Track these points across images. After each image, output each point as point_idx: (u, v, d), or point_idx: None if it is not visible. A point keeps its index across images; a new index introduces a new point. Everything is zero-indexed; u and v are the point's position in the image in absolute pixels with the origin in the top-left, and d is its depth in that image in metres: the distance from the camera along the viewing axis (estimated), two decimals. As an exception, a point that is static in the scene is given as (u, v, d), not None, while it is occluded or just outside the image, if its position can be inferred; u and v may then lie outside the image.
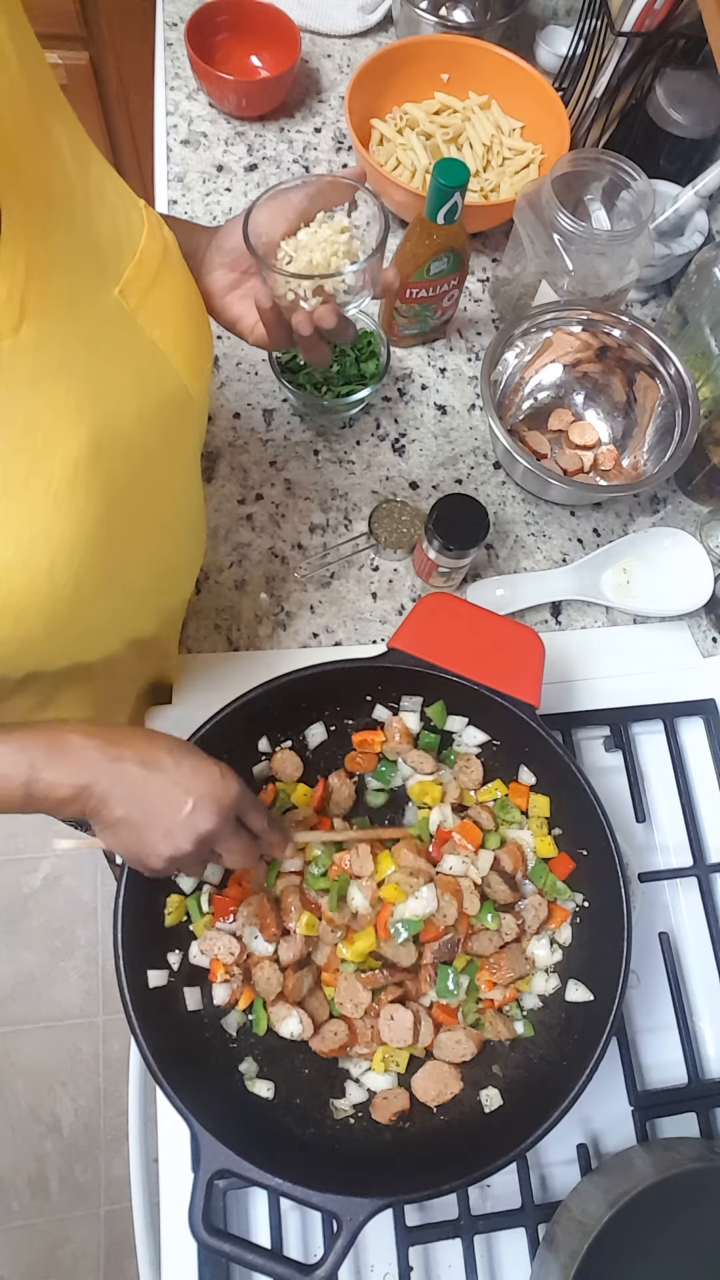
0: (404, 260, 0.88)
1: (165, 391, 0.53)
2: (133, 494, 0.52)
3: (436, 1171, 0.57)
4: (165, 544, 0.65)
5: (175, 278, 0.54)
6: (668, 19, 0.93)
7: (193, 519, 0.72)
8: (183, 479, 0.64)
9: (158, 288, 0.52)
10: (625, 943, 0.62)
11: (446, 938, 0.66)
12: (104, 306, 0.48)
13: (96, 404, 0.47)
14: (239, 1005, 0.65)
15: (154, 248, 0.52)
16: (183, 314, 0.55)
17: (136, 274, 0.50)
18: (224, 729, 0.66)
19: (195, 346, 0.56)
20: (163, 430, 0.53)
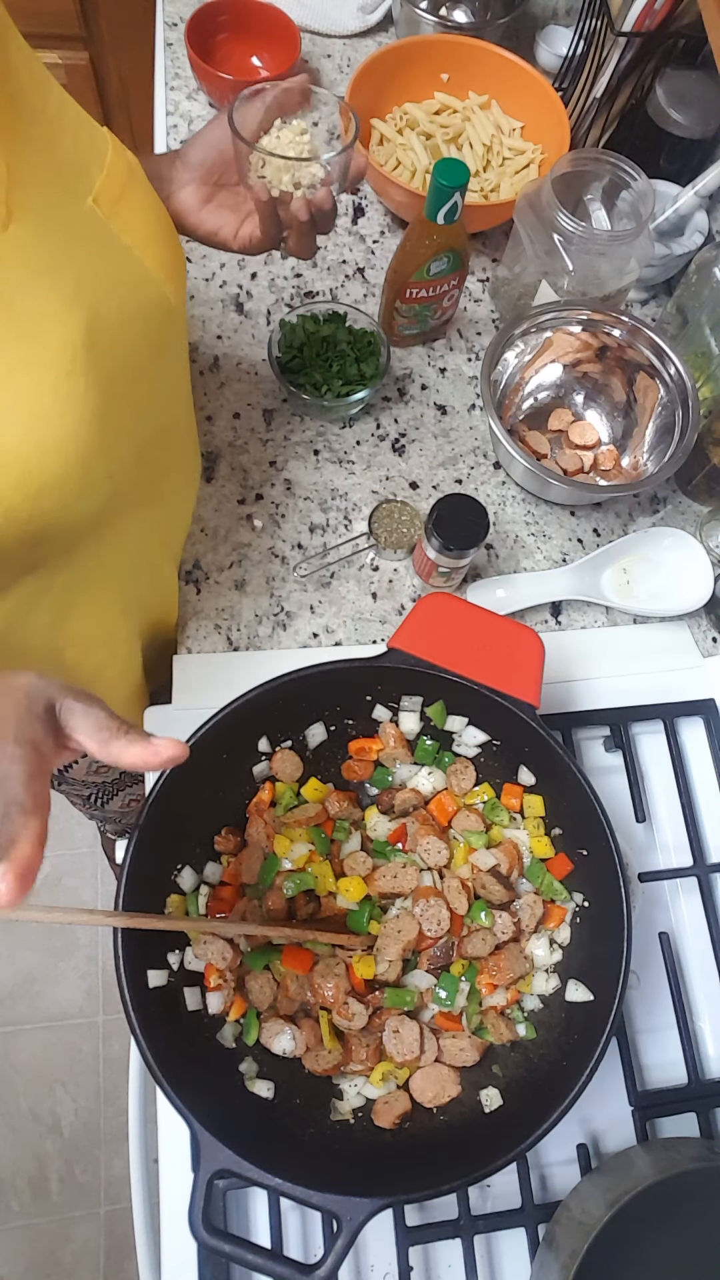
0: (404, 260, 0.88)
1: (144, 293, 0.55)
2: (124, 384, 0.54)
3: (436, 1171, 0.57)
4: (160, 443, 0.68)
5: (141, 193, 0.57)
6: (668, 19, 0.93)
7: (184, 427, 0.76)
8: (170, 383, 0.67)
9: (126, 199, 0.54)
10: (625, 943, 0.62)
11: (441, 943, 0.66)
12: (81, 213, 0.51)
13: (82, 298, 0.49)
14: (230, 1016, 0.65)
15: (119, 164, 0.54)
16: (153, 223, 0.57)
17: (106, 185, 0.52)
18: (224, 729, 0.66)
19: (167, 252, 0.58)
20: (144, 329, 0.56)
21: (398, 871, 0.68)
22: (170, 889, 0.67)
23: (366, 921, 0.66)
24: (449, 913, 0.67)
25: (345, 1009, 0.64)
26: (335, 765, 0.74)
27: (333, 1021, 0.64)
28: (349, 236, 1.06)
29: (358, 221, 1.07)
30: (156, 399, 0.63)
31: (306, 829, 0.69)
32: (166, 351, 0.62)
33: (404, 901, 0.68)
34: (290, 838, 0.69)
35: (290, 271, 1.03)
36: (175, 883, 0.68)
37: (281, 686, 0.67)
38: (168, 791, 0.64)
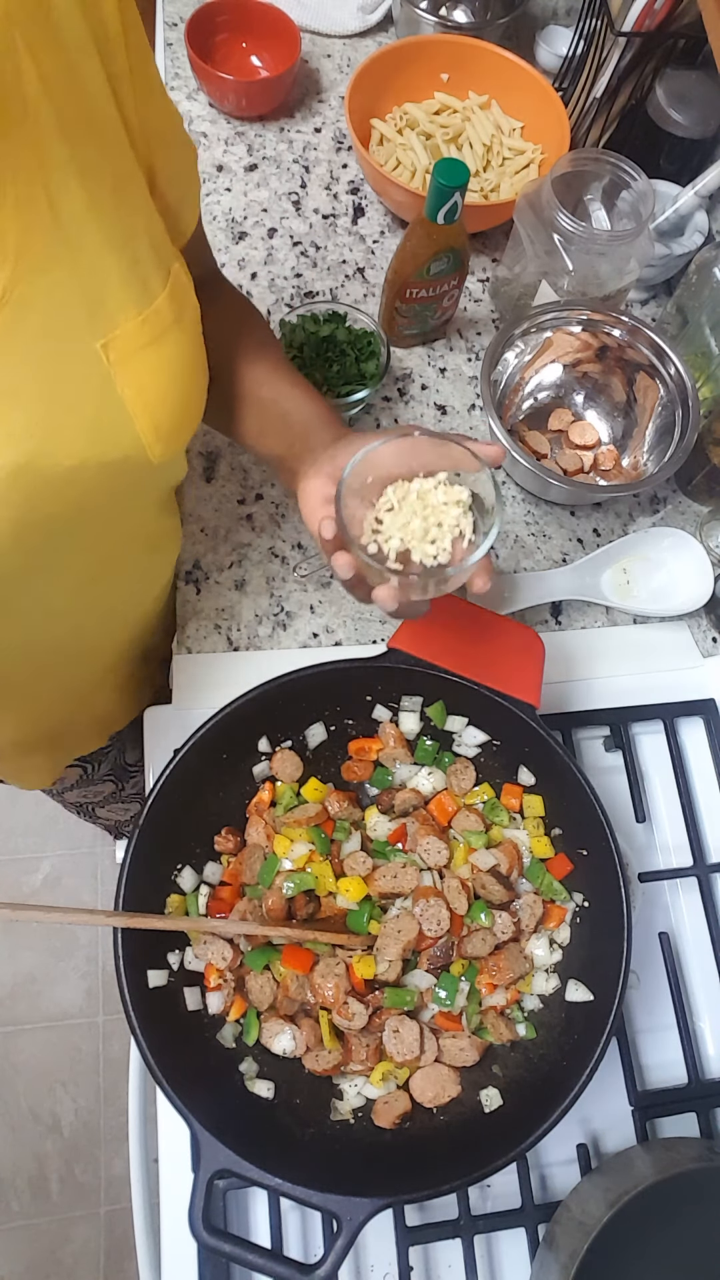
0: (404, 260, 0.88)
1: (119, 450, 0.51)
2: (56, 528, 0.51)
3: (437, 1171, 0.57)
4: (100, 583, 0.64)
5: (179, 348, 0.52)
6: (668, 19, 0.93)
7: (142, 570, 0.70)
8: (127, 530, 0.63)
9: (152, 351, 0.50)
10: (625, 943, 0.62)
11: (441, 942, 0.66)
12: (79, 352, 0.46)
13: (32, 436, 0.46)
14: (230, 1016, 0.65)
15: (166, 312, 0.50)
16: (169, 385, 0.52)
17: (131, 332, 0.48)
18: (224, 729, 0.66)
19: (171, 419, 0.53)
20: (107, 482, 0.52)
21: (398, 871, 0.68)
22: (170, 889, 0.67)
23: (366, 921, 0.66)
24: (449, 913, 0.67)
25: (345, 1009, 0.64)
26: (335, 765, 0.74)
27: (333, 1021, 0.64)
28: (349, 236, 1.06)
29: (358, 221, 1.07)
30: (99, 536, 0.58)
31: (306, 829, 0.69)
32: (129, 501, 0.58)
33: (404, 901, 0.68)
34: (290, 838, 0.69)
35: (290, 272, 1.03)
36: (175, 883, 0.68)
37: (281, 686, 0.67)
38: (168, 791, 0.64)
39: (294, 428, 0.65)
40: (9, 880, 1.71)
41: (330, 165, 1.10)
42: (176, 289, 0.51)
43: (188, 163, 0.55)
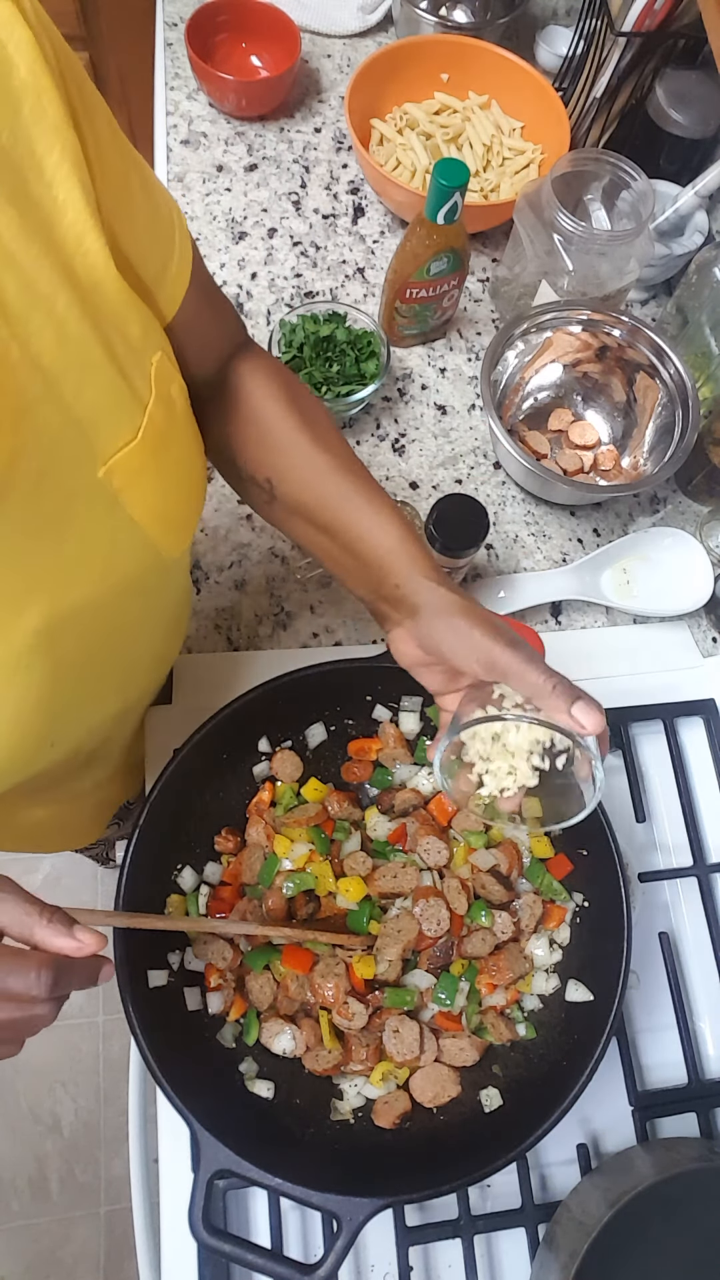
0: (404, 260, 0.88)
1: (135, 562, 0.49)
2: (86, 658, 0.49)
3: (436, 1171, 0.57)
4: (127, 680, 0.62)
5: (180, 448, 0.49)
6: (668, 19, 0.93)
7: (161, 644, 0.68)
8: (150, 623, 0.61)
9: (154, 463, 0.46)
10: (625, 943, 0.62)
11: (441, 942, 0.66)
12: (81, 485, 0.43)
13: (49, 584, 0.43)
14: (230, 1016, 0.65)
15: (159, 416, 0.45)
16: (175, 489, 0.49)
17: (132, 455, 0.44)
18: (224, 729, 0.66)
19: (180, 516, 0.51)
20: (127, 593, 0.50)
21: (398, 871, 0.68)
22: (170, 889, 0.67)
23: (366, 921, 0.66)
24: (449, 913, 0.67)
25: (345, 1009, 0.64)
26: (335, 765, 0.74)
27: (333, 1021, 0.64)
28: (349, 236, 1.06)
29: (358, 221, 1.07)
30: (129, 648, 0.57)
31: (306, 829, 0.69)
32: (149, 600, 0.56)
33: (404, 901, 0.68)
34: (290, 838, 0.69)
35: (290, 272, 1.03)
36: (175, 883, 0.68)
37: (281, 686, 0.67)
38: (168, 791, 0.64)
39: (370, 567, 0.56)
40: (9, 880, 1.71)
41: (330, 165, 1.10)
42: (161, 383, 0.46)
43: (160, 226, 0.47)
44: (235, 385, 0.58)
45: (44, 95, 0.35)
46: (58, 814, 0.79)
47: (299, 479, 0.57)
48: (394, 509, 0.56)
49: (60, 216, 0.38)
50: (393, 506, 0.57)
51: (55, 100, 0.36)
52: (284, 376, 0.60)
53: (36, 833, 0.81)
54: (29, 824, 0.76)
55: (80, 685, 0.50)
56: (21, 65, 0.34)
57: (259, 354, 0.61)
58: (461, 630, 0.50)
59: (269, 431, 0.58)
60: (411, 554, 0.54)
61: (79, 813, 0.84)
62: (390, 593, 0.54)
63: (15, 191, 0.35)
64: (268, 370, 0.59)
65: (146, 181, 0.45)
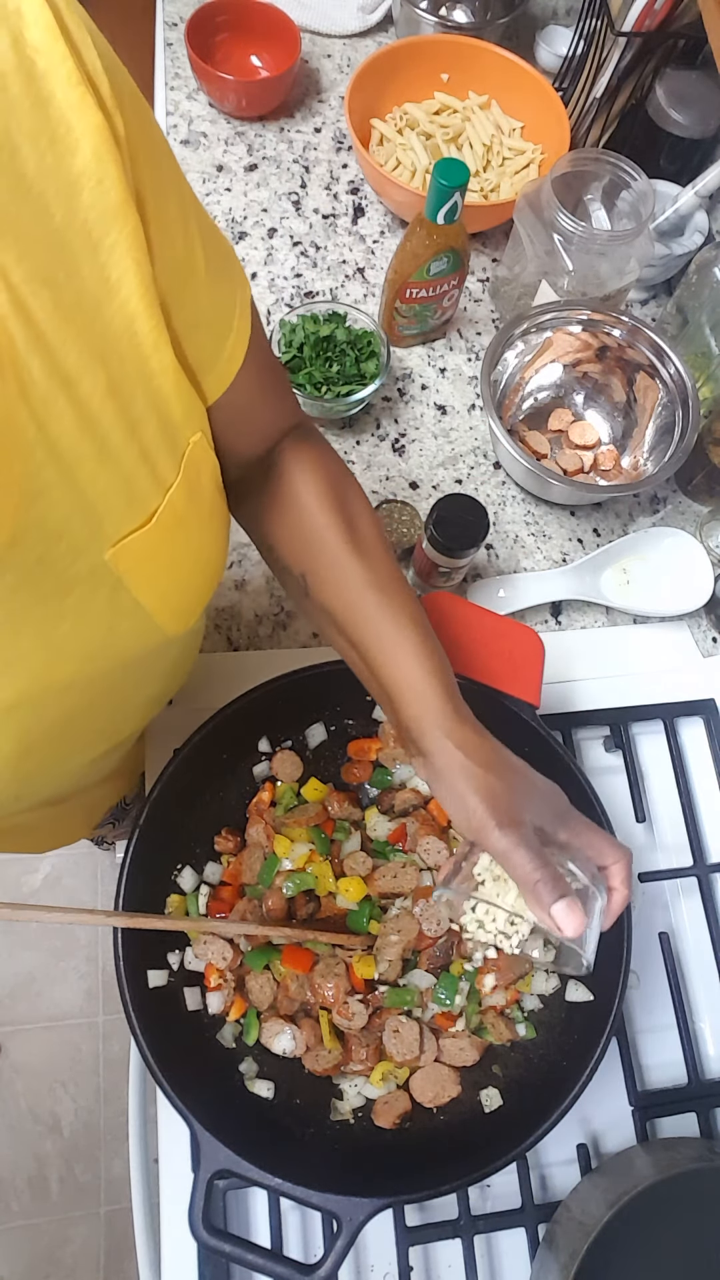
0: (404, 260, 0.88)
1: (135, 642, 0.47)
2: (65, 725, 0.47)
3: (436, 1171, 0.57)
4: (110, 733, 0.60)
5: (194, 534, 0.46)
6: (668, 19, 0.93)
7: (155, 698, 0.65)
8: (143, 688, 0.58)
9: (166, 548, 0.44)
10: (625, 943, 0.62)
11: (441, 942, 0.66)
12: (84, 567, 0.41)
13: (34, 661, 0.42)
14: (230, 1016, 0.65)
15: (178, 503, 0.43)
16: (186, 571, 0.47)
17: (143, 540, 0.42)
18: (224, 729, 0.66)
19: (191, 601, 0.49)
20: (125, 663, 0.48)
21: (397, 871, 0.68)
22: (170, 889, 0.67)
23: (366, 921, 0.66)
24: (449, 913, 0.67)
25: (345, 1009, 0.64)
26: (335, 765, 0.74)
27: (333, 1021, 0.64)
28: (349, 236, 1.06)
29: (358, 221, 1.07)
30: (117, 710, 0.55)
31: (306, 829, 0.69)
32: (148, 671, 0.54)
33: (404, 901, 0.68)
34: (290, 838, 0.69)
35: (290, 272, 1.03)
36: (175, 883, 0.68)
37: (281, 686, 0.67)
38: (168, 791, 0.64)
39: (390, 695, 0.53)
40: (9, 880, 1.71)
41: (330, 165, 1.10)
42: (191, 466, 0.44)
43: (219, 308, 0.44)
44: (280, 472, 0.56)
45: (107, 180, 0.34)
46: (45, 817, 0.79)
47: (333, 584, 0.55)
48: (423, 638, 0.53)
49: (110, 297, 0.37)
50: (423, 635, 0.53)
51: (119, 184, 0.35)
52: (333, 470, 0.57)
53: (25, 835, 0.81)
54: (11, 827, 0.76)
55: (57, 747, 0.49)
56: (86, 149, 0.33)
57: (310, 440, 0.58)
58: (459, 797, 0.48)
59: (309, 529, 0.55)
60: (430, 696, 0.51)
61: (68, 815, 0.84)
62: (405, 728, 0.52)
63: (57, 272, 0.34)
64: (316, 460, 0.57)
65: (212, 262, 0.43)
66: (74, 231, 0.34)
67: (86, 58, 0.34)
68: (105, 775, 0.76)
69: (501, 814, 0.47)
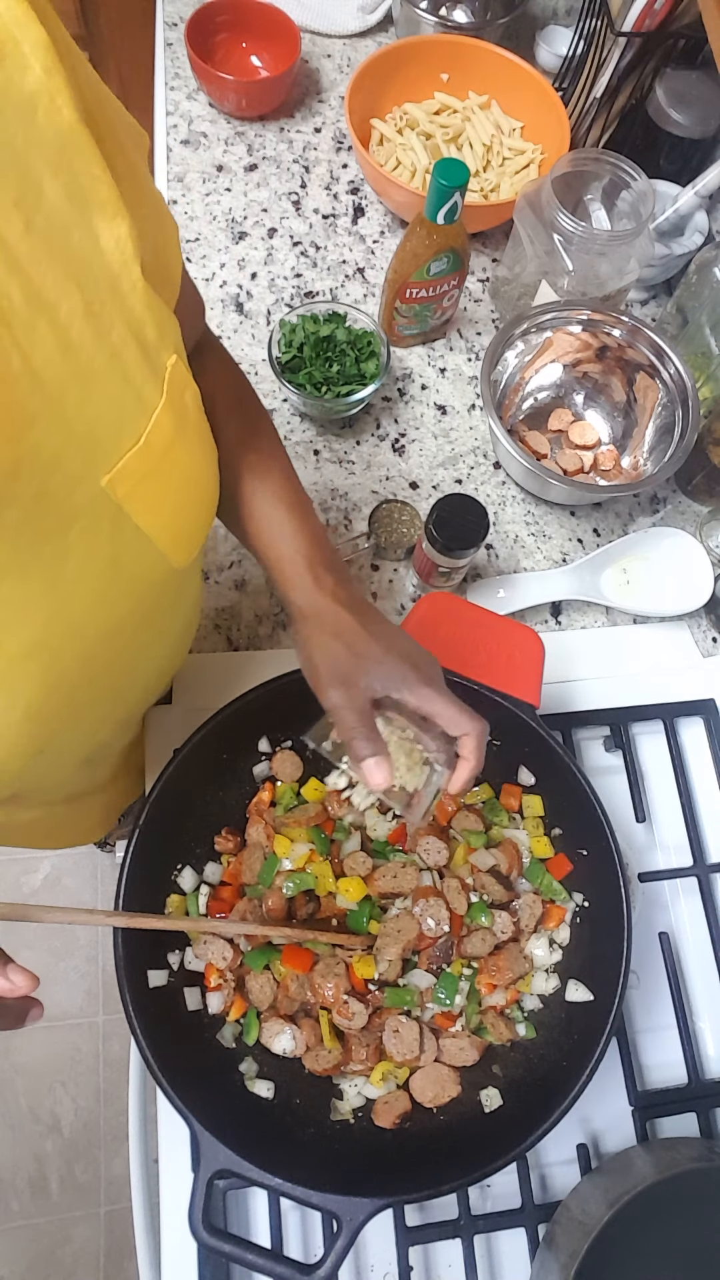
0: (404, 260, 0.88)
1: (141, 571, 0.48)
2: (84, 670, 0.48)
3: (436, 1171, 0.57)
4: (128, 689, 0.62)
5: (188, 454, 0.47)
6: (668, 19, 0.93)
7: (168, 654, 0.67)
8: (157, 636, 0.60)
9: (162, 469, 0.44)
10: (625, 943, 0.62)
11: (441, 942, 0.66)
12: (83, 497, 0.41)
13: (49, 597, 0.42)
14: (230, 1016, 0.65)
15: (166, 424, 0.44)
16: (184, 495, 0.48)
17: (136, 462, 0.42)
18: (224, 729, 0.66)
19: (190, 524, 0.50)
20: (134, 606, 0.49)
21: (397, 871, 0.68)
22: (170, 889, 0.67)
23: (366, 921, 0.66)
24: (449, 912, 0.67)
25: (345, 1009, 0.64)
26: (335, 765, 0.74)
27: (333, 1021, 0.64)
28: (349, 236, 1.06)
29: (358, 221, 1.07)
30: (134, 660, 0.56)
31: (306, 829, 0.69)
32: (157, 609, 0.55)
33: (404, 901, 0.68)
34: (290, 838, 0.69)
35: (290, 272, 1.03)
36: (175, 883, 0.68)
37: (281, 686, 0.67)
38: (168, 791, 0.64)
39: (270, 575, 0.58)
40: (9, 880, 1.71)
41: (330, 165, 1.10)
42: (174, 386, 0.44)
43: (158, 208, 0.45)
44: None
45: (59, 96, 0.34)
46: (53, 814, 0.79)
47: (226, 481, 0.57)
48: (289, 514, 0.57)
49: (77, 217, 0.36)
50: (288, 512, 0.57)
51: (69, 100, 0.35)
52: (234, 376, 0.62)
53: (32, 831, 0.81)
54: (20, 823, 0.76)
55: (76, 696, 0.50)
56: (36, 66, 0.33)
57: (212, 345, 0.62)
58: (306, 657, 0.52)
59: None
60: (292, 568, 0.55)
61: (76, 814, 0.84)
62: (280, 597, 0.57)
63: (25, 194, 0.34)
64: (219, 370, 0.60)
65: (143, 165, 0.44)
66: (35, 151, 0.34)
67: None
68: (119, 763, 0.77)
69: (335, 675, 0.50)
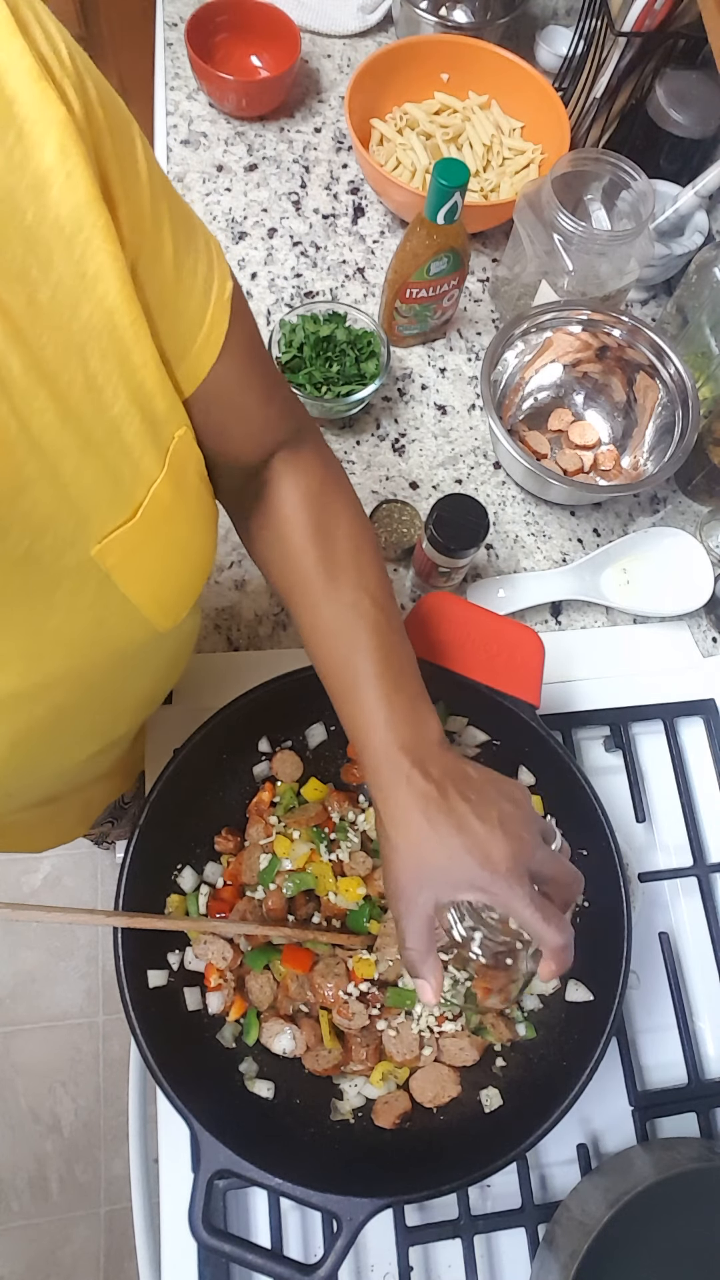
0: (404, 260, 0.88)
1: (125, 631, 0.47)
2: (56, 720, 0.47)
3: (436, 1171, 0.57)
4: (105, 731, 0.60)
5: (180, 528, 0.46)
6: (668, 19, 0.93)
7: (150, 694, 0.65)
8: (137, 682, 0.58)
9: (152, 543, 0.44)
10: (625, 943, 0.62)
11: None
12: (71, 561, 0.41)
13: (23, 655, 0.42)
14: (230, 1016, 0.65)
15: (164, 496, 0.43)
16: (174, 565, 0.47)
17: (128, 534, 0.42)
18: (224, 729, 0.66)
19: (180, 591, 0.49)
20: (117, 659, 0.48)
21: None
22: (170, 889, 0.67)
23: (366, 921, 0.66)
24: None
25: (345, 1009, 0.64)
26: (335, 765, 0.74)
27: (333, 1021, 0.64)
28: (349, 236, 1.06)
29: (358, 221, 1.07)
30: (111, 704, 0.55)
31: (306, 829, 0.69)
32: (145, 659, 0.53)
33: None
34: (290, 838, 0.69)
35: (290, 272, 1.03)
36: (175, 883, 0.68)
37: (281, 686, 0.67)
38: (168, 791, 0.64)
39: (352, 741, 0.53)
40: (9, 880, 1.71)
41: (330, 165, 1.10)
42: (177, 459, 0.43)
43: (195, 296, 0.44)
44: (267, 484, 0.56)
45: (75, 173, 0.34)
46: (41, 816, 0.79)
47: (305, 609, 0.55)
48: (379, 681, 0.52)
49: (88, 292, 0.37)
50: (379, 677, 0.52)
51: (86, 176, 0.35)
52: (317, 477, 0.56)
53: (21, 834, 0.81)
54: (8, 825, 0.76)
55: (46, 745, 0.49)
56: (52, 144, 0.33)
57: (303, 447, 0.56)
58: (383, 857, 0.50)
59: (286, 550, 0.55)
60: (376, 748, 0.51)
61: (64, 813, 0.84)
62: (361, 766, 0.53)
63: (30, 269, 0.34)
64: (302, 469, 0.55)
65: (181, 243, 0.42)
66: (46, 227, 0.34)
67: (44, 49, 0.33)
68: (101, 774, 0.76)
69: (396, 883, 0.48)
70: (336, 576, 0.54)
